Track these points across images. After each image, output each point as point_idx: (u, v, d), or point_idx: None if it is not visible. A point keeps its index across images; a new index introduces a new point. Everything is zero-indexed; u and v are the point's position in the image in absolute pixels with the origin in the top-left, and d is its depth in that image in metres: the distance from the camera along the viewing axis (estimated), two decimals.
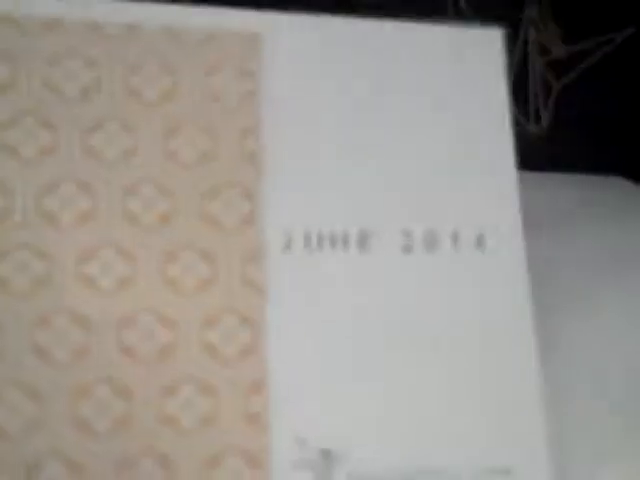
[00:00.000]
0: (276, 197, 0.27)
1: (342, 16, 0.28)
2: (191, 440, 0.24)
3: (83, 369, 0.24)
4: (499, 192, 0.28)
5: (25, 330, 0.24)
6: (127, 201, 0.26)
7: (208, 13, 0.28)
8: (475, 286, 0.27)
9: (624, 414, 0.28)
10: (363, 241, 0.27)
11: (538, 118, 0.28)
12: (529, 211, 0.27)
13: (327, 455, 0.25)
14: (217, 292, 0.26)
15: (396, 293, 0.27)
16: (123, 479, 0.23)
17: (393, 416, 0.25)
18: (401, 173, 0.28)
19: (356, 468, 0.25)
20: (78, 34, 0.27)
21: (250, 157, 0.27)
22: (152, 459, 0.24)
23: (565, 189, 0.30)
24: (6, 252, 0.24)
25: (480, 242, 0.28)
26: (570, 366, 0.29)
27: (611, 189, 0.33)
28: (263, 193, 0.27)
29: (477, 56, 0.29)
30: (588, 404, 0.28)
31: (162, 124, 0.27)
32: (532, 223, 0.27)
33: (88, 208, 0.26)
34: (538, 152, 0.29)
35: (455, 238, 0.28)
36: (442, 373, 0.26)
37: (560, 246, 0.28)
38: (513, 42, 0.30)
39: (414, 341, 0.26)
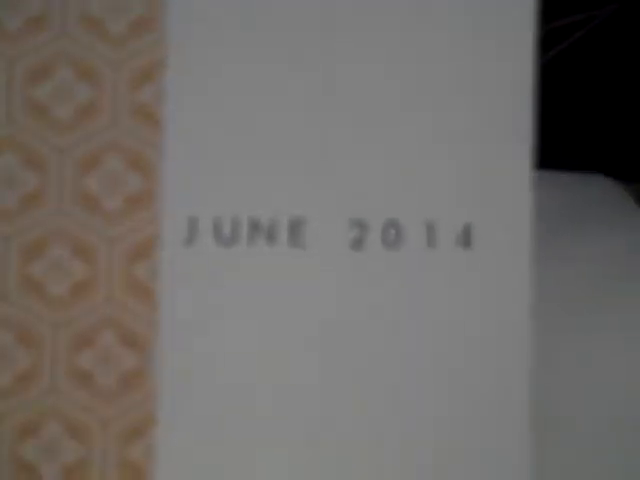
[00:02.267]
0: (177, 173, 0.20)
1: None
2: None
3: None
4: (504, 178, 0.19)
5: None
6: None
7: None
8: (455, 297, 0.19)
9: (623, 431, 0.21)
10: (295, 232, 0.19)
11: None
12: None
13: None
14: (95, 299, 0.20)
15: (340, 301, 0.19)
16: None
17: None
18: (353, 144, 0.19)
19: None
20: None
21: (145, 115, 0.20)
22: None
23: (549, 189, 0.21)
24: None
25: (465, 238, 0.19)
26: (568, 382, 0.22)
27: (594, 188, 0.24)
28: (160, 167, 0.20)
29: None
30: (586, 422, 0.22)
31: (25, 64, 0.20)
32: None
33: None
34: None
35: (429, 231, 0.19)
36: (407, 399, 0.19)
37: (544, 253, 0.20)
38: None
39: (359, 369, 0.19)
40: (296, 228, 0.19)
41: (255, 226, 0.19)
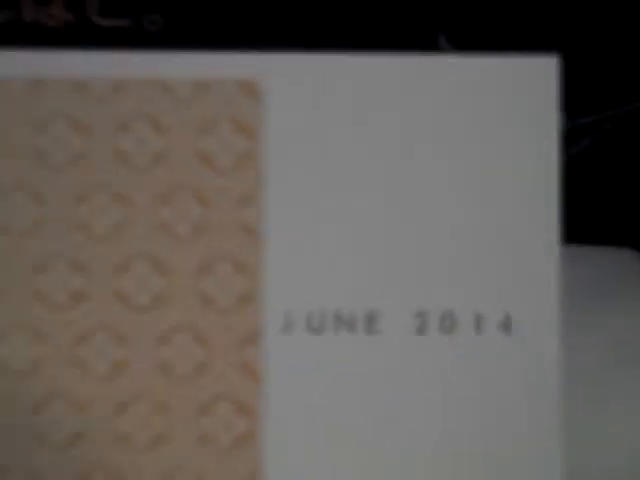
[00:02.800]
0: (275, 273, 0.25)
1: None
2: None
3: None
4: (534, 269, 0.24)
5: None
6: (120, 280, 0.25)
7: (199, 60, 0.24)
8: (499, 374, 0.24)
9: None
10: (371, 321, 0.25)
11: None
12: None
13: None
14: (211, 378, 0.25)
15: (408, 378, 0.25)
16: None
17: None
18: (418, 249, 0.24)
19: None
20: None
21: (247, 229, 0.25)
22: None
23: (574, 263, 0.25)
24: None
25: (506, 326, 0.24)
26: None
27: (622, 262, 0.28)
28: (261, 269, 0.25)
29: (527, 90, 0.24)
30: None
31: (153, 191, 0.25)
32: None
33: (80, 286, 0.25)
34: None
35: (477, 320, 0.24)
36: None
37: (571, 329, 0.24)
38: None
39: (422, 428, 0.25)
40: (371, 318, 0.24)
41: (338, 318, 0.24)
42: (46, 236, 0.24)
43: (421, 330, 0.24)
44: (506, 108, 0.25)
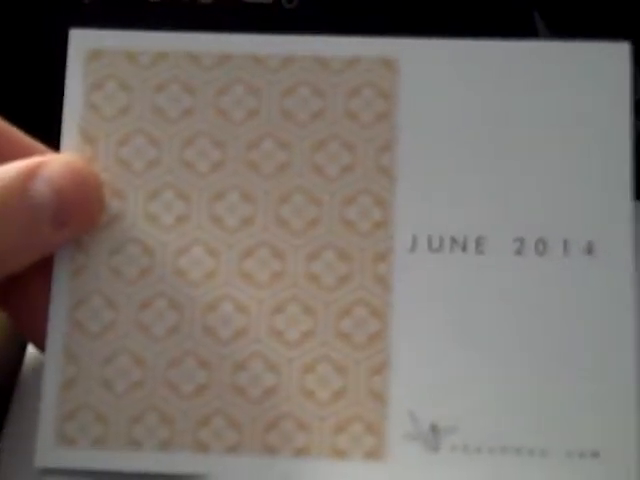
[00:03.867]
0: (405, 205, 0.31)
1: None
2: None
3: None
4: (612, 207, 0.31)
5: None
6: (281, 208, 0.32)
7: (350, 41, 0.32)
8: (583, 290, 0.31)
9: None
10: (479, 244, 0.31)
11: None
12: None
13: (435, 428, 0.30)
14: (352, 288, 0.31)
15: (507, 290, 0.31)
16: (269, 437, 0.31)
17: (496, 397, 0.30)
18: (518, 187, 0.31)
19: (460, 441, 0.30)
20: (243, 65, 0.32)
21: (384, 170, 0.32)
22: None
23: None
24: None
25: (589, 249, 0.31)
26: None
27: None
28: (394, 202, 0.31)
29: (602, 73, 0.31)
30: None
31: (311, 141, 0.32)
32: None
33: (248, 213, 0.32)
34: None
35: (565, 244, 0.31)
36: (542, 362, 0.30)
37: None
38: None
39: (520, 333, 0.31)
40: (480, 241, 0.31)
41: (454, 240, 0.31)
42: None
43: (519, 252, 0.31)
44: (585, 87, 0.32)
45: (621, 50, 0.32)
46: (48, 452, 0.31)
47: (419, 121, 0.32)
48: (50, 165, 0.31)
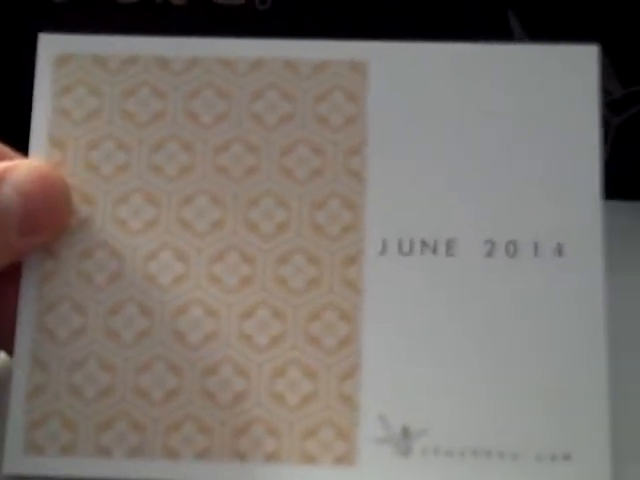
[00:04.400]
0: (375, 208, 0.31)
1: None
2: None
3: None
4: (581, 208, 0.31)
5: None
6: (250, 212, 0.31)
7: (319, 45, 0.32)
8: (553, 291, 0.30)
9: None
10: (450, 246, 0.31)
11: None
12: None
13: (406, 432, 0.30)
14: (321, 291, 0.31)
15: (478, 292, 0.31)
16: (239, 443, 0.30)
17: (466, 400, 0.30)
18: (488, 190, 0.31)
19: (431, 444, 0.30)
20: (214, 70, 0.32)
21: (354, 174, 0.31)
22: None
23: (621, 216, 0.31)
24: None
25: (559, 251, 0.31)
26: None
27: None
28: (364, 205, 0.31)
29: (570, 75, 0.31)
30: None
31: (280, 145, 0.32)
32: None
33: (217, 217, 0.31)
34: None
35: (535, 246, 0.31)
36: (507, 364, 0.30)
37: (619, 278, 0.30)
38: None
39: (491, 335, 0.30)
40: (450, 244, 0.31)
41: (424, 243, 0.31)
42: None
43: (490, 254, 0.31)
44: (554, 89, 0.31)
45: (590, 53, 0.32)
46: (16, 460, 0.31)
47: (388, 124, 0.32)
48: (17, 170, 0.31)
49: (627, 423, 0.31)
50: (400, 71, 0.32)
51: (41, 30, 0.33)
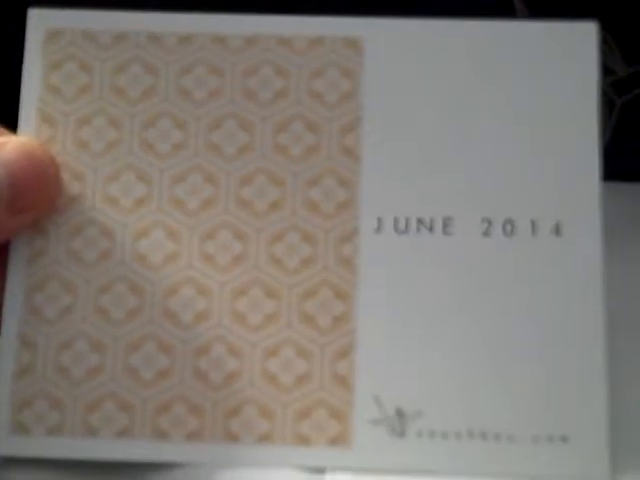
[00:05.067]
0: (370, 186, 0.31)
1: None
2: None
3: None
4: (580, 187, 0.30)
5: None
6: (243, 189, 0.31)
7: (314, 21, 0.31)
8: (551, 270, 0.30)
9: None
10: (447, 226, 0.30)
11: (601, 132, 0.30)
12: None
13: (401, 413, 0.30)
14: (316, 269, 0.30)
15: (474, 271, 0.30)
16: (231, 424, 0.30)
17: (462, 381, 0.30)
18: (485, 168, 0.30)
19: (426, 426, 0.30)
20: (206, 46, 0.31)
21: (349, 151, 0.31)
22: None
23: (623, 198, 0.31)
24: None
25: (557, 230, 0.30)
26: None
27: None
28: (359, 182, 0.31)
29: (569, 52, 0.31)
30: None
31: (274, 121, 0.31)
32: None
33: (210, 195, 0.31)
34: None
35: (533, 225, 0.30)
36: (503, 347, 0.30)
37: (621, 259, 0.30)
38: None
39: (488, 315, 0.30)
40: (447, 222, 0.30)
41: (421, 221, 0.30)
42: None
43: (487, 233, 0.30)
44: (553, 66, 0.31)
45: (589, 30, 0.31)
46: (3, 440, 0.30)
47: (384, 101, 0.31)
48: (5, 148, 0.30)
49: (625, 406, 0.31)
50: (396, 47, 0.31)
51: (30, 5, 0.32)
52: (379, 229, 0.31)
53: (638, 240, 0.32)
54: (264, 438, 0.30)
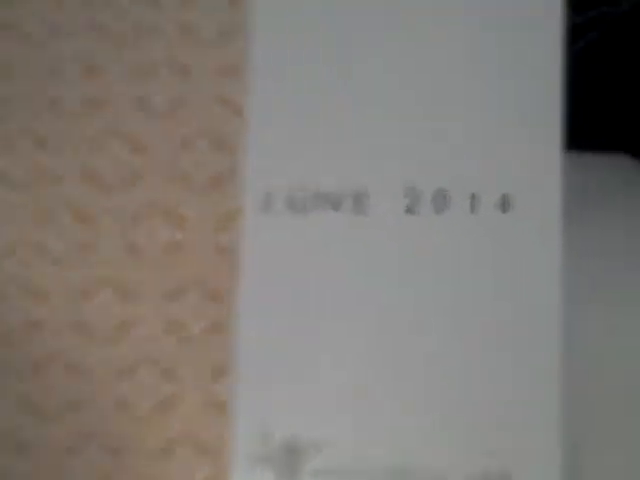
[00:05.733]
0: (256, 151, 0.23)
1: None
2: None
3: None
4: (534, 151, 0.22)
5: None
6: (92, 159, 0.23)
7: None
8: (493, 257, 0.22)
9: None
10: (359, 202, 0.23)
11: None
12: None
13: (292, 450, 0.22)
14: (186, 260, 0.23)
15: (398, 257, 0.23)
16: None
17: (373, 408, 0.22)
18: (411, 132, 0.23)
19: (325, 464, 0.22)
20: None
21: (228, 103, 0.23)
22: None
23: (574, 169, 0.23)
24: None
25: (505, 204, 0.22)
26: (593, 359, 0.24)
27: (618, 169, 0.26)
28: (242, 146, 0.23)
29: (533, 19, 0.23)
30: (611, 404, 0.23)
31: (131, 66, 0.24)
32: None
33: (45, 166, 0.23)
34: None
35: (473, 199, 0.22)
36: (436, 357, 0.22)
37: (568, 233, 0.22)
38: None
39: (409, 319, 0.22)
40: (359, 199, 0.23)
41: (325, 198, 0.23)
42: None
43: (411, 209, 0.23)
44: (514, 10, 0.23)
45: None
46: None
47: (277, 40, 0.24)
48: None
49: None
50: None
51: None
52: (267, 207, 0.23)
53: (580, 215, 0.24)
54: None
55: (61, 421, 0.22)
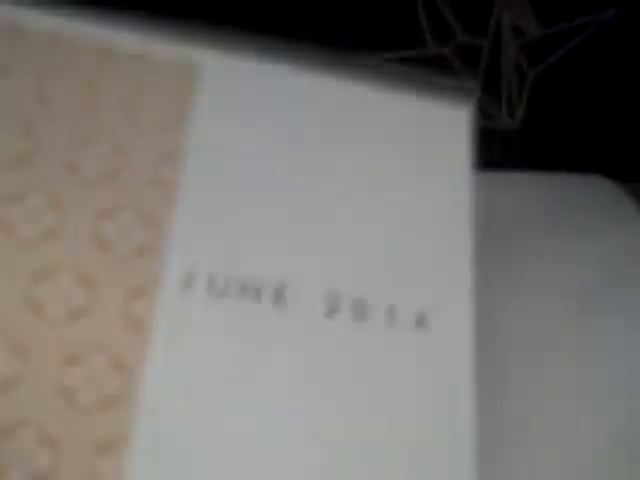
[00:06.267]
0: (182, 228, 0.23)
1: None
2: None
3: None
4: (450, 261, 0.23)
5: None
6: (6, 212, 0.22)
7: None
8: (409, 375, 0.22)
9: None
10: (280, 295, 0.22)
11: (511, 110, 0.23)
12: (493, 217, 0.22)
13: None
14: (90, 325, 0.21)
15: (313, 362, 0.22)
16: None
17: None
18: (335, 233, 0.23)
19: None
20: None
21: (160, 182, 0.23)
22: None
23: (538, 190, 0.24)
24: None
25: (421, 321, 0.23)
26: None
27: (592, 189, 0.27)
28: (167, 221, 0.23)
29: (440, 136, 0.25)
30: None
31: (71, 135, 0.23)
32: (497, 231, 0.22)
33: None
34: (509, 149, 0.24)
35: (390, 312, 0.23)
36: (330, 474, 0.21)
37: (529, 262, 0.23)
38: (486, 24, 0.25)
39: (321, 424, 0.21)
40: (280, 292, 0.22)
41: (244, 286, 0.22)
42: None
43: (330, 314, 0.22)
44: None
45: (461, 115, 0.26)
46: None
47: (215, 129, 0.24)
48: None
49: None
50: (236, 84, 0.25)
51: None
52: (186, 286, 0.22)
53: (549, 240, 0.24)
54: None
55: None
